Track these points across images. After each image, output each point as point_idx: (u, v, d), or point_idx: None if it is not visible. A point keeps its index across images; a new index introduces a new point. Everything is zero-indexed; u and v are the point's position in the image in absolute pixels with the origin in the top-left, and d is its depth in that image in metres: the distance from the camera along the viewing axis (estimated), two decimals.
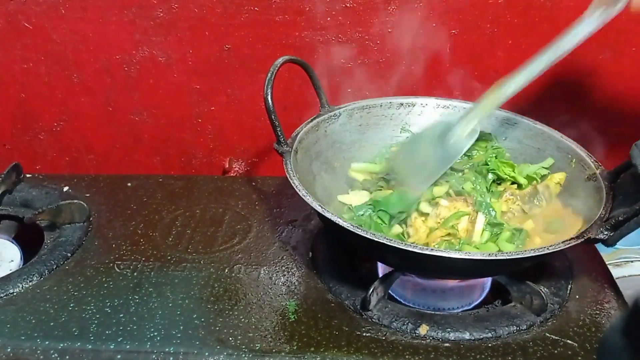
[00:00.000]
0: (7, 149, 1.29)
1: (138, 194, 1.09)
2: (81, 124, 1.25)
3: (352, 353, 0.74)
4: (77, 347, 0.75)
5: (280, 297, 0.84)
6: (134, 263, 0.91)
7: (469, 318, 0.79)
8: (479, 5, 1.09)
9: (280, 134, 0.87)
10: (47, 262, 0.90)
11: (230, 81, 1.19)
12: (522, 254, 0.71)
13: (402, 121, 1.03)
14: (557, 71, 1.15)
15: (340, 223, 0.73)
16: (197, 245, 0.95)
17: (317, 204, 0.76)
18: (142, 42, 1.15)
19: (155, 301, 0.83)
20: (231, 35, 1.14)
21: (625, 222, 0.71)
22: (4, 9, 1.13)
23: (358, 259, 0.94)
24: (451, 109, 1.03)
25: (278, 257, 0.93)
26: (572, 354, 0.74)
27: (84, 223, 1.00)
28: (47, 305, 0.83)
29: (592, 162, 0.87)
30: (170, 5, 1.11)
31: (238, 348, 0.75)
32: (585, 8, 1.08)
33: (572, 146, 0.91)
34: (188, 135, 1.26)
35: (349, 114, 1.00)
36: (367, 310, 0.80)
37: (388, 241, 0.71)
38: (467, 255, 0.71)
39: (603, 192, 0.80)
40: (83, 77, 1.20)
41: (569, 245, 0.71)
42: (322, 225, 0.97)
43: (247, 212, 1.05)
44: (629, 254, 1.26)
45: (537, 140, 0.96)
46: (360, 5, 1.10)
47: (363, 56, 1.15)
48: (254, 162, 1.29)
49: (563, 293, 0.84)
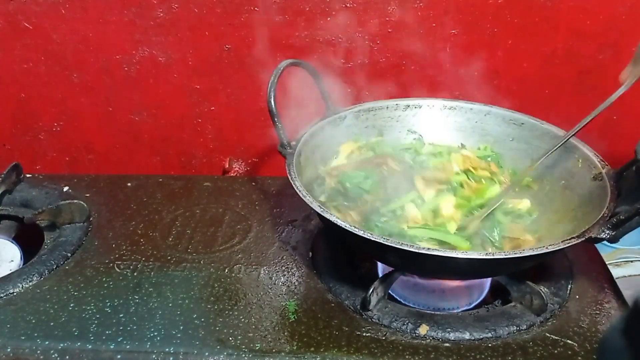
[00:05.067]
0: (7, 149, 1.29)
1: (138, 194, 1.09)
2: (81, 124, 1.25)
3: (352, 353, 0.74)
4: (77, 347, 0.75)
5: (280, 297, 0.84)
6: (134, 263, 0.91)
7: (469, 318, 0.79)
8: (479, 5, 1.10)
9: (284, 136, 0.87)
10: (47, 262, 0.90)
11: (230, 81, 1.19)
12: (523, 254, 0.71)
13: (408, 123, 1.03)
14: (558, 71, 1.15)
15: (341, 225, 0.73)
16: (197, 245, 0.95)
17: (318, 205, 0.76)
18: (142, 42, 1.15)
19: (155, 301, 0.83)
20: (231, 35, 1.14)
21: (627, 220, 0.70)
22: (4, 9, 1.13)
23: (358, 259, 0.94)
24: (458, 110, 1.03)
25: (278, 257, 0.93)
26: (572, 354, 0.74)
27: (84, 223, 1.00)
28: (47, 305, 0.83)
29: (598, 162, 0.86)
30: (170, 5, 1.11)
31: (238, 348, 0.75)
32: (585, 8, 1.09)
33: (579, 145, 0.91)
34: (188, 135, 1.26)
35: (355, 116, 1.00)
36: (367, 310, 0.80)
37: (388, 241, 0.71)
38: (467, 255, 0.71)
39: (608, 191, 0.80)
40: (83, 77, 1.20)
41: (569, 244, 0.71)
42: (322, 225, 0.97)
43: (247, 212, 1.05)
44: (629, 254, 1.26)
45: (543, 140, 0.96)
46: (360, 5, 1.10)
47: (363, 56, 1.14)
48: (254, 162, 1.29)
49: (563, 293, 0.84)
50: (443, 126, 1.03)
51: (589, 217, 0.78)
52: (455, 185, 0.91)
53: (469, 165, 0.94)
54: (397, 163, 0.91)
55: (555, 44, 1.13)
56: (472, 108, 1.02)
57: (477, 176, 0.93)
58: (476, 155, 0.98)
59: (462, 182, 0.92)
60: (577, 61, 1.13)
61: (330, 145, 0.97)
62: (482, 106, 1.02)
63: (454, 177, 0.92)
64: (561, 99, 1.18)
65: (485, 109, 1.01)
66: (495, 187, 0.92)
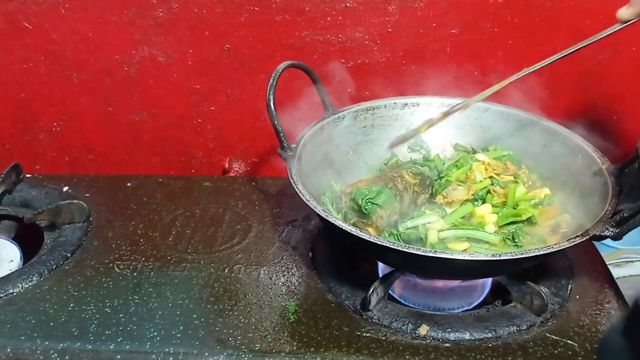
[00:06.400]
0: (7, 149, 1.29)
1: (138, 194, 1.09)
2: (81, 124, 1.25)
3: (352, 353, 0.74)
4: (77, 347, 0.75)
5: (280, 297, 0.84)
6: (134, 263, 0.91)
7: (469, 318, 0.79)
8: (479, 5, 1.09)
9: (284, 139, 0.87)
10: (47, 262, 0.90)
11: (230, 81, 1.19)
12: (526, 254, 0.70)
13: (407, 121, 1.03)
14: (558, 71, 1.15)
15: (343, 227, 0.73)
16: (197, 245, 0.95)
17: (320, 208, 0.76)
18: (142, 42, 1.15)
19: (155, 301, 0.83)
20: (231, 35, 1.14)
21: (631, 218, 0.70)
22: (4, 9, 1.13)
23: (358, 259, 0.94)
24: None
25: (278, 257, 0.93)
26: (572, 354, 0.74)
27: (84, 223, 1.00)
28: (47, 305, 0.83)
29: (598, 158, 0.86)
30: (170, 5, 1.11)
31: (238, 348, 0.75)
32: (585, 9, 1.09)
33: (579, 142, 0.91)
34: (188, 135, 1.25)
35: (354, 115, 1.00)
36: (367, 311, 0.79)
37: (391, 244, 0.71)
38: (469, 256, 0.70)
39: (609, 188, 0.80)
40: (83, 77, 1.20)
41: (574, 243, 0.71)
42: (322, 225, 0.97)
43: (247, 212, 1.05)
44: (629, 254, 1.25)
45: (543, 136, 0.96)
46: (360, 5, 1.10)
47: (363, 56, 1.14)
48: (254, 162, 1.29)
49: (563, 293, 0.84)
50: (441, 124, 1.03)
51: (590, 214, 0.78)
52: (483, 194, 0.91)
53: (492, 172, 0.94)
54: (414, 176, 0.91)
55: (555, 44, 1.13)
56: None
57: (501, 182, 0.93)
58: (491, 157, 0.98)
59: (490, 190, 0.92)
60: (577, 61, 1.13)
61: (330, 146, 0.97)
62: (480, 103, 1.01)
63: (478, 185, 0.92)
64: (561, 99, 1.18)
65: (484, 106, 1.01)
66: (520, 187, 0.92)
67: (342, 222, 0.75)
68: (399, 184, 0.88)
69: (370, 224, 0.84)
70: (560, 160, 0.92)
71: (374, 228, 0.84)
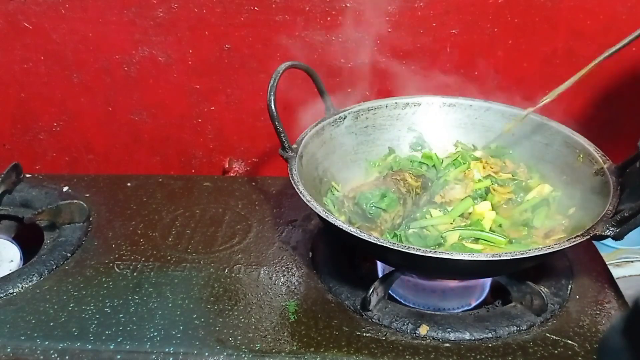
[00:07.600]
0: (7, 149, 1.29)
1: (138, 194, 1.09)
2: (81, 124, 1.25)
3: (352, 353, 0.74)
4: (76, 347, 0.75)
5: (280, 297, 0.84)
6: (134, 263, 0.91)
7: (469, 318, 0.79)
8: (479, 5, 1.09)
9: (285, 139, 0.86)
10: (47, 262, 0.90)
11: (230, 81, 1.19)
12: (526, 254, 0.70)
13: (408, 121, 1.03)
14: (558, 71, 1.15)
15: (344, 228, 0.73)
16: (197, 245, 0.95)
17: (321, 209, 0.76)
18: (142, 42, 1.15)
19: (155, 301, 0.83)
20: (231, 35, 1.14)
21: (632, 217, 0.70)
22: (4, 9, 1.13)
23: (358, 259, 0.94)
24: (457, 107, 1.03)
25: (278, 257, 0.93)
26: (572, 354, 0.74)
27: (84, 223, 1.00)
28: (47, 305, 0.83)
29: (599, 157, 0.86)
30: (170, 5, 1.11)
31: (238, 348, 0.75)
32: (585, 8, 1.09)
33: (580, 141, 0.91)
34: (188, 135, 1.25)
35: (355, 116, 1.00)
36: (367, 311, 0.79)
37: (391, 245, 0.71)
38: (469, 256, 0.70)
39: (610, 187, 0.80)
40: (83, 77, 1.20)
41: (574, 242, 0.71)
42: (322, 226, 0.97)
43: (247, 212, 1.05)
44: (629, 254, 1.25)
45: (544, 135, 0.96)
46: (360, 5, 1.10)
47: (363, 56, 1.14)
48: (254, 162, 1.29)
49: (563, 293, 0.84)
50: (443, 123, 1.03)
51: (591, 213, 0.78)
52: (482, 193, 0.91)
53: (490, 170, 0.94)
54: (416, 178, 0.91)
55: (555, 44, 1.13)
56: (472, 105, 1.02)
57: (501, 180, 0.93)
58: (490, 154, 0.98)
59: (490, 189, 0.92)
60: (577, 61, 1.13)
61: (331, 146, 0.97)
62: (482, 102, 1.02)
63: (477, 185, 0.92)
64: (561, 99, 1.17)
65: (486, 105, 1.01)
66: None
67: (342, 223, 0.75)
68: (402, 188, 0.87)
69: (375, 228, 0.84)
70: (561, 160, 0.92)
71: (378, 232, 0.84)
